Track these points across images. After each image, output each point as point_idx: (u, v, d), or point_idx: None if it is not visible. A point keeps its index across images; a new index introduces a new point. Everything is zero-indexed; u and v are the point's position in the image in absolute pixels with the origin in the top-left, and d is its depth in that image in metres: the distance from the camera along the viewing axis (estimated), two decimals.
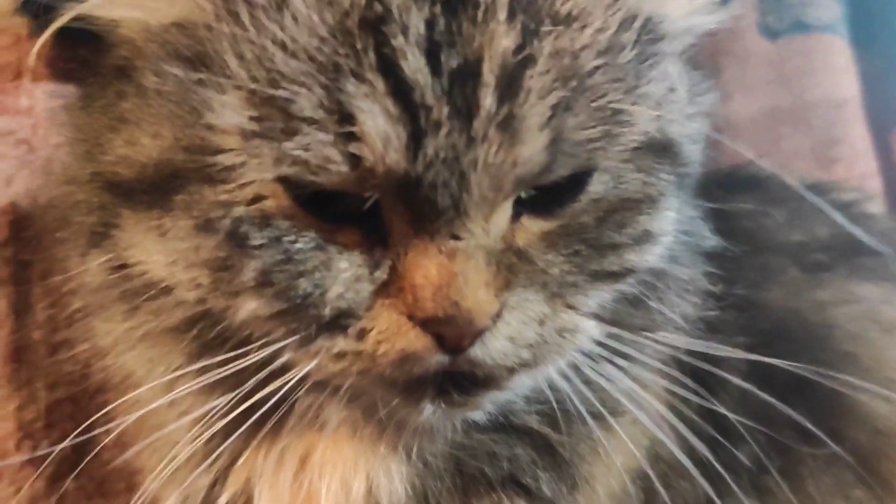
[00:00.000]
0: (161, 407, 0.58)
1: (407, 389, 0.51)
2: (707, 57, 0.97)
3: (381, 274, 0.49)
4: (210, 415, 0.54)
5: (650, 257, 0.55)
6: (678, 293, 0.60)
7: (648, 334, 0.55)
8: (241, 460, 0.59)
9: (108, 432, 0.71)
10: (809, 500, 0.62)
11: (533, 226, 0.51)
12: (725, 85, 0.98)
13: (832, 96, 0.98)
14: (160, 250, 0.51)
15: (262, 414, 0.55)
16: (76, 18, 0.54)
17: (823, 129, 0.97)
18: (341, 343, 0.49)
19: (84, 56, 0.56)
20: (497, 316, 0.48)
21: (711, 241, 0.62)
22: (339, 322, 0.49)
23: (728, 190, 0.63)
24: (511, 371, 0.51)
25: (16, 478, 0.78)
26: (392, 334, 0.48)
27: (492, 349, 0.49)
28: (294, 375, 0.51)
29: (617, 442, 0.58)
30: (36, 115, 0.80)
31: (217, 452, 0.58)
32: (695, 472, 0.55)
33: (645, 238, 0.54)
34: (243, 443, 0.59)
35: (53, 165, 0.62)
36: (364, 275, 0.49)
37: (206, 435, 0.55)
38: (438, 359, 0.49)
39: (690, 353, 0.57)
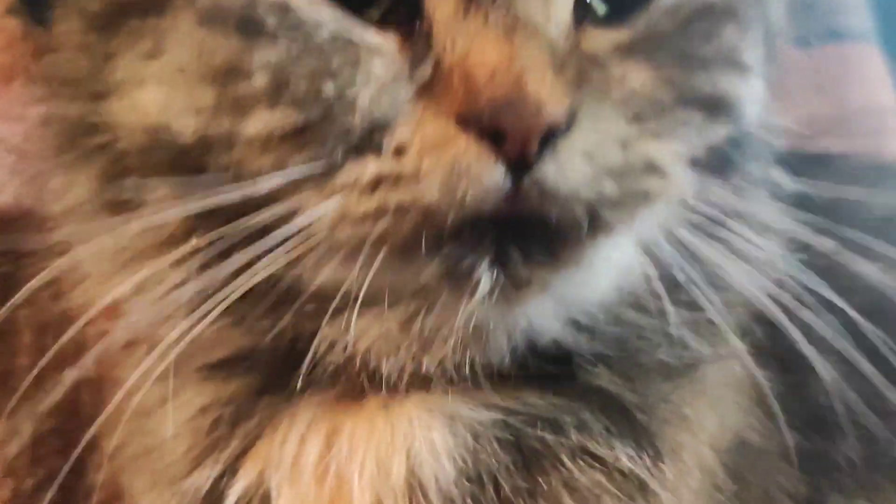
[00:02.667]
0: (153, 404, 0.52)
1: (458, 247, 0.42)
2: None
3: (424, 71, 0.41)
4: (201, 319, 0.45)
5: (742, 93, 0.48)
6: (757, 232, 0.52)
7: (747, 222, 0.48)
8: (254, 448, 0.51)
9: (97, 459, 0.65)
10: None
11: (600, 36, 0.44)
12: None
13: (872, 104, 0.96)
14: (155, 75, 0.44)
15: (273, 374, 0.48)
16: None
17: (866, 138, 0.94)
18: (374, 164, 0.41)
19: None
20: (570, 118, 0.40)
21: (792, 185, 0.54)
22: (371, 139, 0.41)
23: (795, 168, 0.56)
24: (592, 217, 0.42)
25: None
26: (439, 144, 0.40)
27: (567, 168, 0.40)
28: (308, 220, 0.42)
29: (705, 403, 0.50)
30: (27, 123, 0.77)
31: (226, 434, 0.51)
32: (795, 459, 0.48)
33: (733, 59, 0.47)
34: (257, 427, 0.51)
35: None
36: (403, 73, 0.41)
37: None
38: (497, 179, 0.40)
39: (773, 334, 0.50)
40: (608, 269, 0.47)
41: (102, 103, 0.47)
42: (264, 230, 0.42)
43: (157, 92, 0.44)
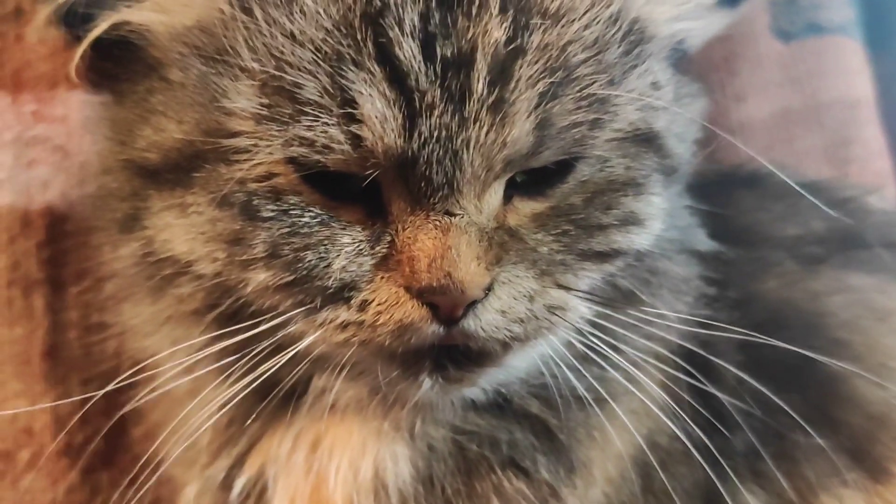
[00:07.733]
0: (183, 394, 0.62)
1: (405, 362, 0.54)
2: (721, 60, 0.99)
3: (381, 248, 0.52)
4: (226, 394, 0.57)
5: (637, 239, 0.58)
6: (672, 291, 0.62)
7: (646, 312, 0.58)
8: (257, 446, 0.62)
9: (136, 419, 0.75)
10: (805, 484, 0.63)
11: (524, 207, 0.55)
12: (740, 87, 0.99)
13: (845, 97, 0.98)
14: (182, 226, 0.55)
15: (277, 397, 0.58)
16: (112, 27, 0.59)
17: (836, 130, 0.97)
18: (344, 314, 0.53)
19: (119, 57, 0.60)
20: (488, 289, 0.52)
21: (706, 244, 0.65)
22: (342, 294, 0.53)
23: (727, 187, 0.66)
24: (504, 346, 0.54)
25: (52, 470, 0.82)
26: (391, 305, 0.52)
27: (484, 321, 0.52)
28: (300, 346, 0.54)
29: (615, 427, 0.61)
30: (70, 123, 0.85)
31: (237, 433, 0.62)
32: (696, 455, 0.57)
33: (630, 220, 0.57)
34: (260, 429, 0.62)
35: (90, 165, 0.66)
36: (365, 249, 0.53)
37: (221, 412, 0.58)
38: (434, 329, 0.52)
39: (685, 345, 0.60)
40: (527, 360, 0.58)
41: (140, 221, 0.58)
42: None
43: (184, 241, 0.56)
